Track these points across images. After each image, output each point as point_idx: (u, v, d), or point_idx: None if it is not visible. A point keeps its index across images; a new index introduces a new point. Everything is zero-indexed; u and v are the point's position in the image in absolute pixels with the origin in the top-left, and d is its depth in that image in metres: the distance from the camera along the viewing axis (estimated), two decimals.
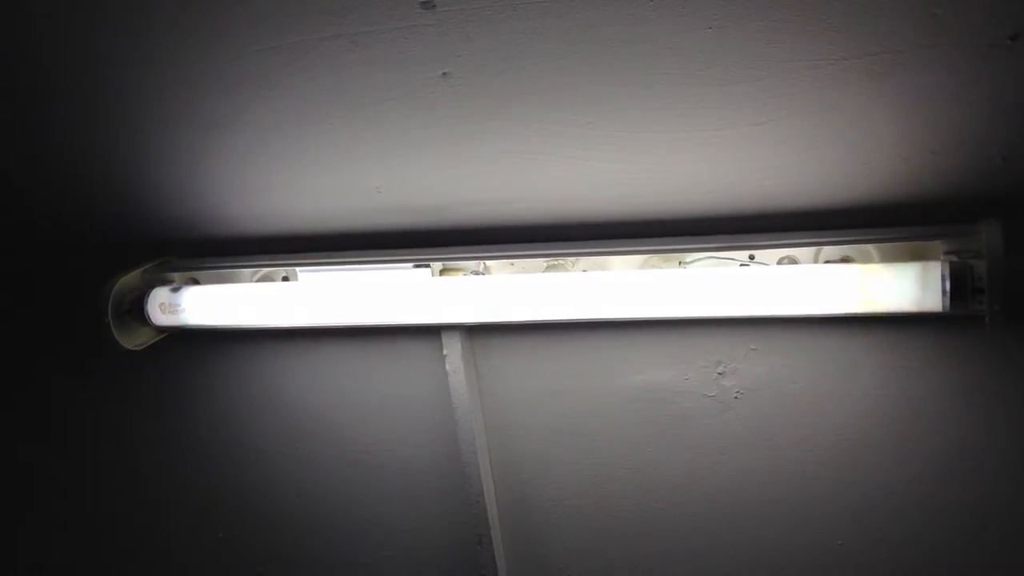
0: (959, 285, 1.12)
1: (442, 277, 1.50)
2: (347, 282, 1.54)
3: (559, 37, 1.21)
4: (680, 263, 1.38)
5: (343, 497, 1.83)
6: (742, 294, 1.28)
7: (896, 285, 1.16)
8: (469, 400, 1.61)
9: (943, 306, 1.14)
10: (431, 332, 1.60)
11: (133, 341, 1.68)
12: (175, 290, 1.63)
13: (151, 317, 1.63)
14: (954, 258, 1.17)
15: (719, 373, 1.47)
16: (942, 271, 1.13)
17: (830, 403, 1.43)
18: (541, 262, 1.45)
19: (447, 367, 1.60)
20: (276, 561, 1.97)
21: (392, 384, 1.71)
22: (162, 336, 1.72)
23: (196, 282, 1.69)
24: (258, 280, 1.65)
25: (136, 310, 1.64)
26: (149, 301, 1.63)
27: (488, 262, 1.48)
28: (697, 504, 1.56)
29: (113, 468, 2.05)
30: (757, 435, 1.49)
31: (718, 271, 1.31)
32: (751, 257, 1.34)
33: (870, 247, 1.25)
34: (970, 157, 1.19)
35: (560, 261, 1.44)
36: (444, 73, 1.31)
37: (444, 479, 1.72)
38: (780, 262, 1.33)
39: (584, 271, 1.42)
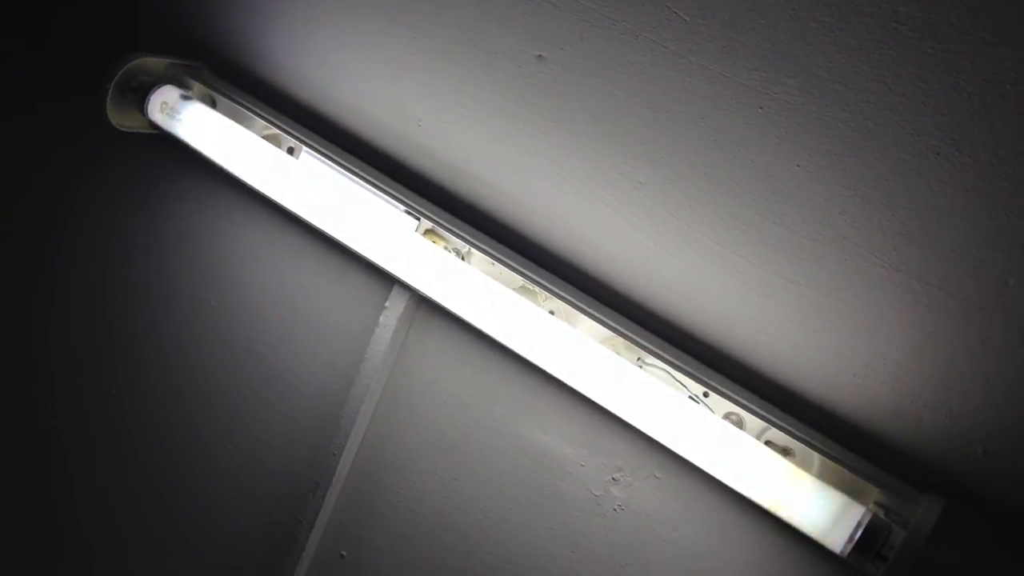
0: (868, 540, 1.04)
1: (423, 237, 1.43)
2: (341, 188, 1.47)
3: (658, 86, 1.18)
4: (639, 359, 1.31)
5: (226, 374, 1.75)
6: (675, 425, 1.21)
7: (813, 504, 1.09)
8: (382, 361, 1.54)
9: (842, 550, 1.06)
10: (385, 279, 1.54)
11: (123, 121, 1.61)
12: (185, 97, 1.56)
13: (148, 109, 1.56)
14: (881, 512, 1.09)
15: (613, 479, 1.40)
16: (860, 518, 1.06)
17: (694, 567, 1.35)
18: (517, 278, 1.38)
19: (380, 319, 1.54)
20: (131, 388, 1.89)
21: (324, 303, 1.64)
22: (151, 132, 1.64)
23: (212, 103, 1.61)
24: (266, 136, 1.58)
25: (141, 96, 1.57)
26: (155, 93, 1.56)
27: (474, 250, 1.41)
28: None
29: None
30: (613, 555, 1.41)
31: (664, 389, 1.23)
32: (705, 394, 1.27)
33: (815, 454, 1.18)
34: (954, 432, 1.13)
35: (535, 288, 1.37)
36: (540, 56, 1.29)
37: (316, 417, 1.64)
38: (727, 415, 1.26)
39: (551, 312, 1.34)
